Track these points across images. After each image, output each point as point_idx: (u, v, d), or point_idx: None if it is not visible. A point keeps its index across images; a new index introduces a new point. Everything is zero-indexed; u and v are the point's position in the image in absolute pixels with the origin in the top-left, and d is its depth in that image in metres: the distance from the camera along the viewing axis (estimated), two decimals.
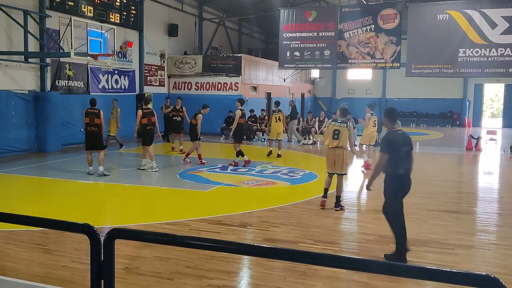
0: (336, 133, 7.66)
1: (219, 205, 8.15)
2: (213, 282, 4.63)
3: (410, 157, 5.41)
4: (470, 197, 9.30)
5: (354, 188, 10.14)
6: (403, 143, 5.37)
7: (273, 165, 12.55)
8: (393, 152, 5.30)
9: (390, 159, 5.32)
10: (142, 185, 9.92)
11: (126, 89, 18.93)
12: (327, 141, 7.82)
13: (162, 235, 2.31)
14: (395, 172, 5.31)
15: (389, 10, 19.08)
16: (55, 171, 11.38)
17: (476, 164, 14.61)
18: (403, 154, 5.31)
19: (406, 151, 5.34)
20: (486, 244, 6.14)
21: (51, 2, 14.76)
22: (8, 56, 13.27)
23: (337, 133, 7.65)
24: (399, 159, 5.28)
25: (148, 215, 7.42)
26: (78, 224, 2.35)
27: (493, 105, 39.02)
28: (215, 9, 26.12)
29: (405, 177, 5.35)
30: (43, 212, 7.38)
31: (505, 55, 17.15)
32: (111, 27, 14.92)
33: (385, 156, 5.34)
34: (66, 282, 4.59)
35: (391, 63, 19.37)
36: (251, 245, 2.74)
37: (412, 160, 5.45)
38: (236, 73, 21.14)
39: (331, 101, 33.74)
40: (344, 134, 7.65)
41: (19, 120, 13.77)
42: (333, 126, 7.76)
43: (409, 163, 5.38)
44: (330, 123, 7.96)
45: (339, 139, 7.64)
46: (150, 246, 5.54)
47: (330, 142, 7.72)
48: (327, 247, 5.83)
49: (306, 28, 20.14)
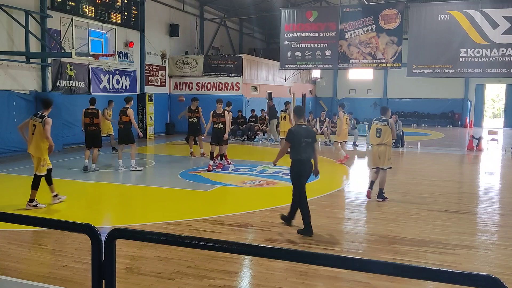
0: (378, 131, 8.28)
1: (220, 205, 8.15)
2: (214, 282, 4.63)
3: (312, 146, 6.50)
4: (471, 197, 9.29)
5: (354, 188, 10.14)
6: (305, 135, 6.42)
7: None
8: (295, 141, 6.39)
9: (293, 147, 6.43)
10: (143, 185, 9.93)
11: (127, 89, 18.95)
12: (371, 139, 8.55)
13: (163, 235, 2.31)
14: (297, 157, 6.42)
15: (390, 10, 19.06)
16: (56, 171, 11.35)
17: (477, 164, 14.60)
18: (304, 144, 6.39)
19: (307, 142, 6.43)
20: (487, 245, 6.13)
21: (52, 2, 14.79)
22: (10, 56, 13.29)
23: (379, 131, 8.26)
24: (300, 147, 6.38)
25: (149, 215, 7.42)
26: (79, 224, 2.35)
27: (495, 105, 38.95)
28: (216, 9, 26.13)
29: (305, 162, 6.43)
30: (44, 212, 7.39)
31: (507, 55, 17.13)
32: (112, 27, 14.95)
33: (288, 144, 6.49)
34: (67, 282, 4.60)
35: (392, 63, 19.35)
36: (252, 245, 2.74)
37: (313, 149, 6.54)
38: (237, 73, 21.15)
39: (332, 101, 33.74)
40: (386, 132, 8.21)
41: (21, 120, 13.68)
42: (375, 125, 8.39)
43: (310, 151, 6.46)
44: (373, 122, 8.58)
45: (381, 137, 8.23)
46: (151, 246, 5.54)
47: (373, 139, 8.39)
48: (328, 247, 5.83)
49: (307, 28, 20.13)
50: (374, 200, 8.37)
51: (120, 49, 18.02)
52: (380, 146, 8.26)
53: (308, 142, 6.44)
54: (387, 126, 8.20)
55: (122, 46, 18.35)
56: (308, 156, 6.44)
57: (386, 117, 8.34)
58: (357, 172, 12.65)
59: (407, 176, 11.50)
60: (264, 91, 24.05)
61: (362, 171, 13.04)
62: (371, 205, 8.48)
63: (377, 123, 8.35)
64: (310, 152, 6.47)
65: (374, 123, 8.42)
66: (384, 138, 8.20)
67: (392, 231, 6.58)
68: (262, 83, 23.69)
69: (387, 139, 8.20)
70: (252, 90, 22.58)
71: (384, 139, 8.21)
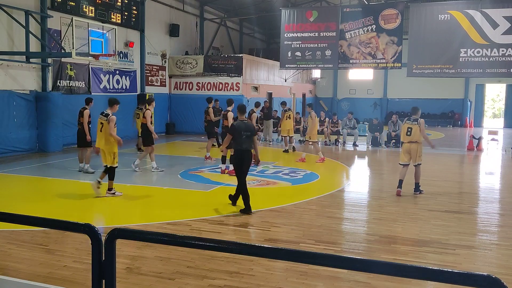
0: (409, 130, 8.88)
1: (220, 205, 8.15)
2: (214, 282, 4.63)
3: (251, 139, 7.53)
4: (471, 197, 9.29)
5: (354, 188, 10.14)
6: (245, 129, 7.48)
7: (274, 165, 12.55)
8: (237, 134, 7.44)
9: (235, 139, 7.49)
10: (143, 185, 9.93)
11: (127, 89, 18.95)
12: (402, 137, 9.18)
13: (163, 235, 2.31)
14: (238, 148, 7.52)
15: (390, 10, 19.06)
16: (56, 171, 11.40)
17: (478, 164, 14.59)
18: (244, 137, 7.43)
19: (247, 135, 7.46)
20: (487, 245, 6.13)
21: (53, 2, 14.78)
22: (10, 56, 13.29)
23: (410, 130, 8.87)
24: (241, 139, 7.43)
25: (149, 215, 7.42)
26: (80, 224, 2.35)
27: (495, 105, 38.95)
28: (216, 9, 26.13)
29: (244, 152, 7.46)
30: (44, 212, 7.39)
31: (507, 55, 17.13)
32: (112, 27, 14.94)
33: (230, 136, 7.63)
34: (68, 282, 4.60)
35: (392, 63, 19.35)
36: (252, 245, 2.74)
37: (253, 141, 7.58)
38: (237, 73, 21.15)
39: (332, 101, 33.74)
40: (417, 131, 8.78)
41: (21, 120, 13.79)
42: (406, 124, 9.01)
43: (248, 143, 7.51)
44: (404, 121, 9.25)
45: (412, 135, 8.83)
46: (151, 246, 5.54)
47: (404, 138, 8.99)
48: (328, 247, 5.83)
49: (307, 28, 20.12)
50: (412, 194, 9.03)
51: (120, 49, 18.02)
52: (412, 144, 8.85)
53: (248, 135, 7.48)
54: (417, 126, 8.78)
55: (122, 46, 18.35)
56: (247, 147, 7.49)
57: (416, 117, 8.96)
58: (357, 172, 12.65)
59: (407, 176, 11.44)
60: (264, 91, 24.05)
61: (362, 171, 13.05)
62: (371, 205, 8.49)
63: (408, 123, 8.98)
64: (250, 143, 7.53)
65: (406, 123, 9.04)
66: (414, 136, 8.79)
67: (392, 231, 6.58)
68: (262, 83, 23.69)
69: (417, 137, 8.78)
70: (252, 90, 22.58)
71: (414, 137, 8.79)
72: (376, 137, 17.60)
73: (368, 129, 18.21)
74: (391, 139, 17.58)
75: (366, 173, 12.61)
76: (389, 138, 17.67)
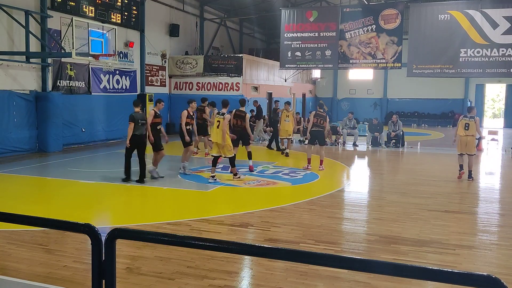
0: (466, 125, 10.55)
1: (220, 205, 8.15)
2: (214, 282, 4.63)
3: (144, 127, 9.70)
4: (471, 198, 9.29)
5: (354, 188, 10.14)
6: (141, 118, 9.63)
7: (274, 165, 12.55)
8: (135, 122, 9.46)
9: (135, 126, 9.45)
10: (143, 185, 9.92)
11: (127, 89, 18.94)
12: (459, 131, 10.68)
13: (163, 235, 2.31)
14: (135, 133, 9.51)
15: (390, 10, 19.06)
16: (56, 171, 11.40)
17: (477, 164, 14.58)
18: (140, 125, 9.55)
19: (142, 123, 9.61)
20: (487, 245, 6.13)
21: (52, 2, 14.78)
22: (10, 56, 13.29)
23: (467, 125, 10.54)
24: (138, 127, 9.54)
25: (149, 215, 7.42)
26: (79, 224, 2.35)
27: (495, 105, 38.97)
28: (216, 9, 26.13)
29: (139, 136, 9.59)
30: (44, 212, 7.39)
31: (507, 55, 17.13)
32: (112, 27, 14.95)
33: (132, 124, 9.45)
34: (67, 282, 4.59)
35: (392, 63, 19.36)
36: (252, 245, 2.74)
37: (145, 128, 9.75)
38: (237, 73, 21.15)
39: (332, 101, 33.75)
40: (472, 126, 10.48)
41: (21, 120, 13.79)
42: (464, 120, 10.63)
43: (142, 130, 9.65)
44: (462, 118, 10.79)
45: (469, 130, 10.52)
46: (151, 246, 5.54)
47: (462, 131, 10.60)
48: (328, 247, 5.83)
49: (307, 28, 20.12)
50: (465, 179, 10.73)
51: (120, 49, 18.02)
52: (468, 137, 10.56)
53: (143, 123, 9.64)
54: (473, 122, 10.51)
55: (122, 46, 18.35)
56: (142, 132, 9.66)
57: (472, 114, 10.62)
58: (357, 172, 12.65)
59: (407, 176, 11.50)
60: (264, 91, 24.05)
61: (362, 171, 13.05)
62: (371, 205, 8.49)
63: (465, 119, 10.61)
64: (144, 130, 9.72)
65: (463, 119, 10.64)
66: (471, 130, 10.51)
67: (392, 231, 6.58)
68: (262, 83, 23.69)
69: (473, 131, 10.50)
70: (252, 90, 22.58)
71: (471, 131, 10.51)
72: (376, 137, 17.60)
73: (368, 129, 18.21)
74: (391, 139, 17.58)
75: (366, 173, 12.60)
76: (389, 138, 17.67)
